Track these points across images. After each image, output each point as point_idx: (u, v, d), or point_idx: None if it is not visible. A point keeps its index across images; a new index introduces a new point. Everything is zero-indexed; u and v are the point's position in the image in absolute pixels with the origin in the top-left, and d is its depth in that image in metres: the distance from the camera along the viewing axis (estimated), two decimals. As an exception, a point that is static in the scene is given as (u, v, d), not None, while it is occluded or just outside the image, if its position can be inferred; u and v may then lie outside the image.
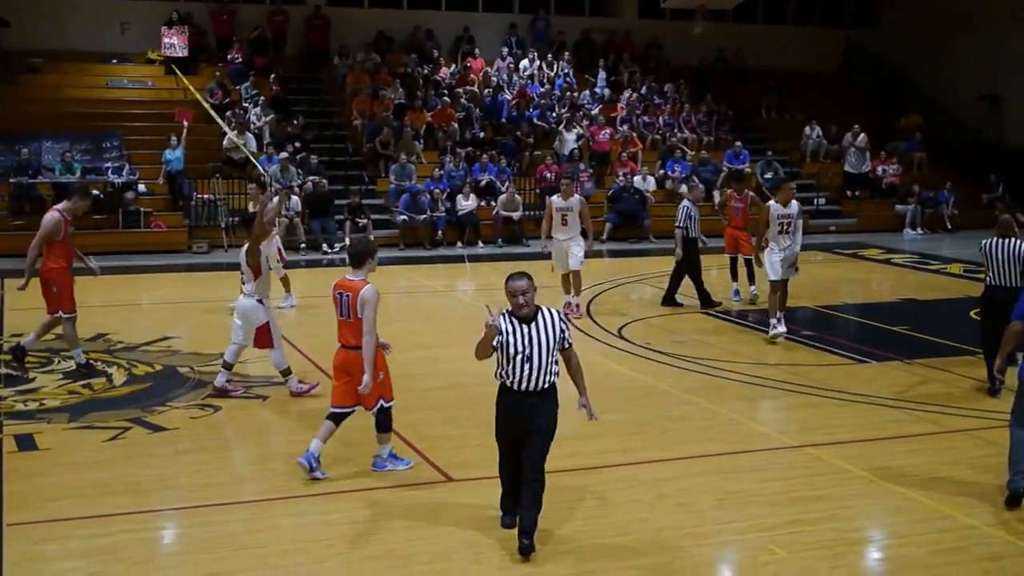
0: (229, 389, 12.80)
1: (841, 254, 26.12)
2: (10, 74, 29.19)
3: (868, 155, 32.48)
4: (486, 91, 31.99)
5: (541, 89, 32.77)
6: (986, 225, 14.12)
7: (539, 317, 8.11)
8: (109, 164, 26.18)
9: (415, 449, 10.76)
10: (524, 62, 33.86)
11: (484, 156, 29.00)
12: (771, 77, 36.39)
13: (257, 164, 26.80)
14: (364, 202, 26.76)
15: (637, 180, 29.30)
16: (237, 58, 30.94)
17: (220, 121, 27.97)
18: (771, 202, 16.36)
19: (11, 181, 25.24)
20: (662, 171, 30.68)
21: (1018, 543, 8.69)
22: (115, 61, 30.99)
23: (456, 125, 30.16)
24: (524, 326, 8.05)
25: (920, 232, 31.06)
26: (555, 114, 31.78)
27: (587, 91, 33.44)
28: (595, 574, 8.00)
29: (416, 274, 22.73)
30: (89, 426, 11.49)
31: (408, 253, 25.47)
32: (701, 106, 33.75)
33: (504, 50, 34.17)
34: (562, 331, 8.15)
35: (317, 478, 9.83)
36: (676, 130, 32.66)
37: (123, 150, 26.78)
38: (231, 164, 27.30)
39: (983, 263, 13.23)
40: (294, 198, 25.80)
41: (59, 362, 14.14)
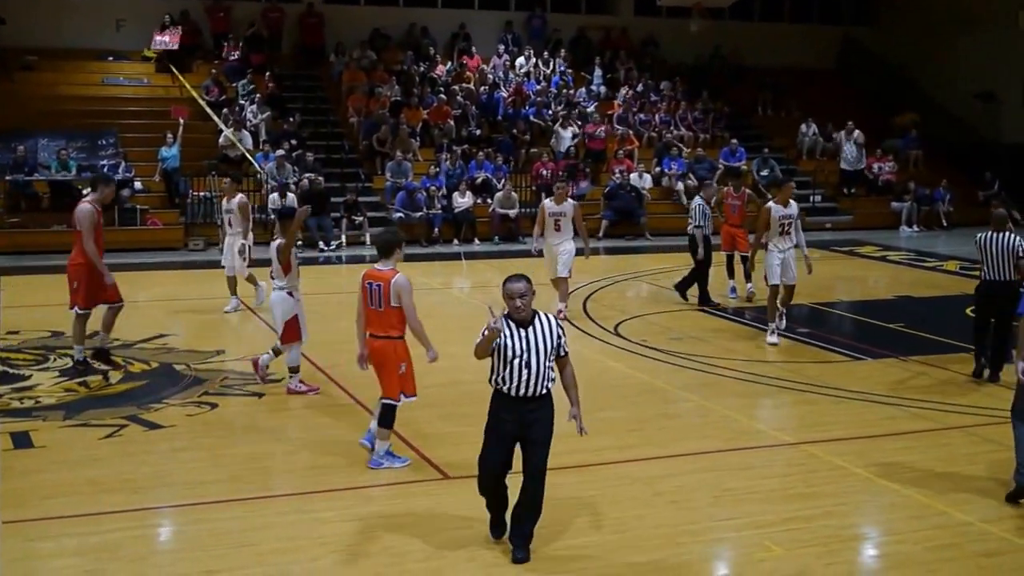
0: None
1: (837, 251, 26.11)
2: (5, 71, 29.12)
3: (864, 152, 32.48)
4: (482, 88, 31.97)
5: (537, 86, 32.73)
6: (982, 222, 14.16)
7: (536, 321, 7.96)
8: (105, 161, 26.11)
9: (412, 447, 10.76)
10: (520, 59, 33.82)
11: (480, 153, 28.99)
12: (768, 74, 36.37)
13: (253, 161, 26.83)
14: (360, 199, 26.74)
15: (633, 177, 29.30)
16: (233, 55, 30.91)
17: (216, 118, 27.96)
18: (771, 203, 16.01)
19: (7, 179, 25.22)
20: (658, 168, 30.68)
21: (1013, 539, 8.70)
22: (111, 58, 30.91)
23: (452, 122, 30.13)
24: (522, 329, 7.91)
25: (916, 229, 31.07)
26: (551, 112, 31.77)
27: (583, 88, 33.43)
28: (590, 571, 8.00)
29: (412, 272, 22.37)
30: (85, 423, 11.48)
31: (404, 250, 25.39)
32: (697, 103, 33.74)
33: (500, 47, 34.15)
34: (559, 337, 8.01)
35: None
36: (672, 127, 32.66)
37: (119, 147, 26.72)
38: (227, 161, 27.24)
39: (979, 257, 13.48)
40: (290, 195, 25.76)
41: (55, 359, 14.14)
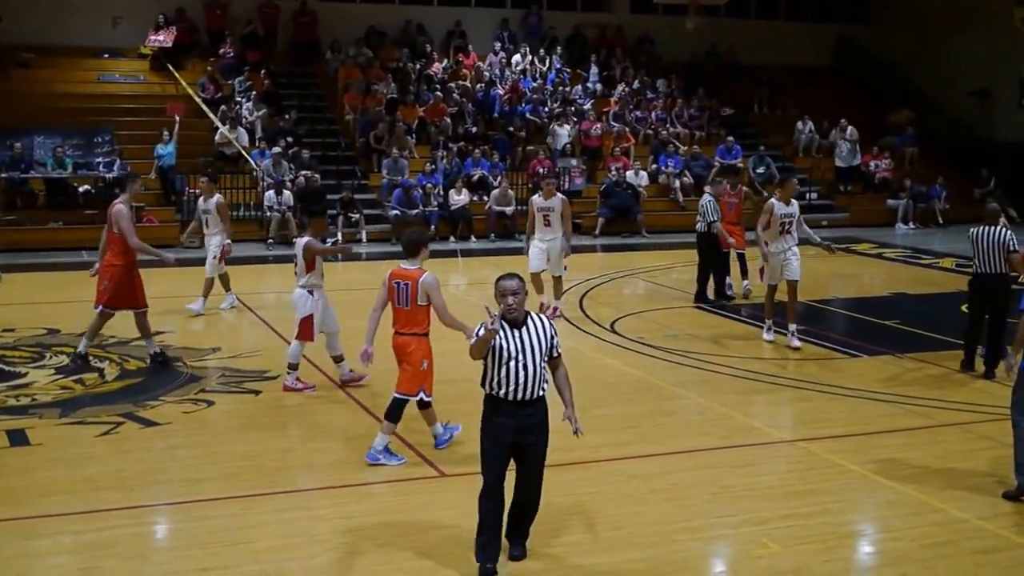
0: (356, 377, 12.92)
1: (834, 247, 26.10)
2: (2, 69, 29.04)
3: (858, 149, 32.48)
4: (478, 86, 31.95)
5: (533, 84, 32.72)
6: (978, 220, 14.15)
7: (529, 322, 7.79)
8: (101, 159, 26.08)
9: (408, 444, 10.75)
10: (516, 57, 33.80)
11: (476, 151, 28.97)
12: (764, 72, 36.38)
13: (249, 159, 26.81)
14: (356, 197, 26.73)
15: (630, 175, 29.30)
16: (229, 53, 30.87)
17: (212, 116, 27.94)
18: (772, 200, 15.56)
19: (3, 176, 25.16)
20: (655, 166, 30.67)
21: (1009, 536, 8.72)
22: (107, 56, 30.85)
23: (448, 120, 30.12)
24: (515, 330, 7.74)
25: (912, 227, 31.08)
26: (547, 109, 31.76)
27: (579, 86, 33.42)
28: (587, 568, 8.01)
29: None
30: (81, 421, 11.47)
31: (401, 248, 25.42)
32: (693, 101, 33.74)
33: (496, 45, 34.10)
34: (552, 337, 7.85)
35: (455, 434, 10.63)
36: (668, 125, 32.65)
37: (115, 145, 26.67)
38: (223, 159, 27.25)
39: (972, 251, 13.70)
40: (286, 193, 25.75)
41: (51, 357, 14.13)
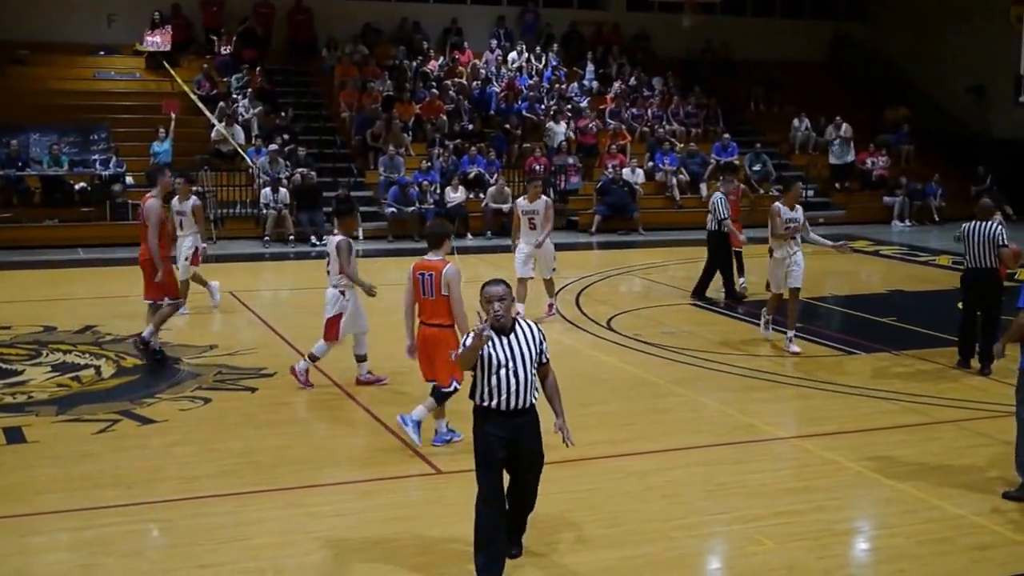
0: (372, 379, 12.95)
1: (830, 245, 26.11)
2: (-3, 66, 29.11)
3: (852, 146, 32.47)
4: (474, 83, 31.93)
5: (530, 81, 32.69)
6: (973, 217, 14.20)
7: (517, 328, 7.69)
8: (97, 156, 26.03)
9: (404, 441, 10.76)
10: (512, 54, 33.77)
11: (473, 148, 28.96)
12: (759, 69, 36.37)
13: (245, 156, 26.79)
14: (353, 194, 26.69)
15: (626, 172, 29.30)
16: (225, 50, 30.84)
17: (208, 113, 27.93)
18: (778, 204, 15.08)
19: (0, 174, 25.16)
20: (651, 163, 30.68)
21: (1006, 533, 8.73)
22: (102, 53, 30.81)
23: (445, 117, 30.10)
24: (503, 337, 7.62)
25: (908, 224, 31.08)
26: (544, 106, 31.75)
27: (575, 83, 33.40)
28: (584, 565, 8.02)
29: (406, 266, 22.55)
30: (78, 419, 11.48)
31: (397, 245, 25.41)
32: (689, 98, 33.73)
33: (492, 42, 34.07)
34: (541, 343, 7.75)
35: (454, 440, 10.65)
36: (664, 122, 32.64)
37: (111, 142, 26.61)
38: (219, 156, 27.23)
39: (963, 246, 13.84)
40: (283, 190, 25.74)
41: (47, 354, 14.13)
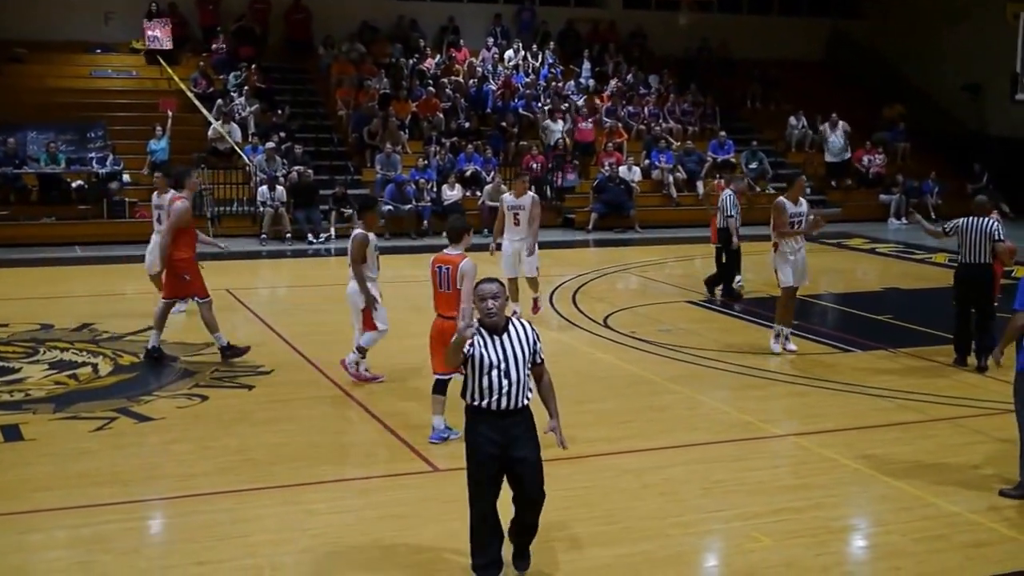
0: (368, 376, 12.90)
1: (826, 244, 26.13)
2: (-6, 64, 29.10)
3: (848, 143, 32.45)
4: (471, 81, 31.94)
5: (526, 79, 32.71)
6: (970, 214, 14.22)
7: (510, 327, 7.50)
8: (94, 154, 26.04)
9: (401, 439, 10.79)
10: (509, 52, 33.78)
11: (469, 146, 28.96)
12: (756, 67, 36.38)
13: (242, 154, 26.79)
14: (349, 192, 26.74)
15: (623, 170, 29.31)
16: (221, 48, 30.83)
17: (205, 111, 27.92)
18: (782, 198, 14.64)
19: (-3, 171, 25.19)
20: (647, 161, 30.69)
21: (1000, 530, 8.75)
22: (99, 51, 30.83)
23: (441, 115, 30.11)
24: (496, 337, 7.44)
25: (904, 222, 31.04)
26: (540, 104, 31.75)
27: (572, 81, 33.40)
28: (581, 563, 8.02)
29: (402, 263, 22.63)
30: (75, 416, 11.48)
31: (394, 243, 25.40)
32: (686, 96, 33.74)
33: (489, 40, 34.09)
34: (535, 343, 7.56)
35: (451, 438, 10.52)
36: (661, 120, 32.65)
37: (108, 140, 26.63)
38: (216, 154, 27.23)
39: (958, 241, 13.99)
40: (279, 188, 25.75)
41: (44, 352, 14.13)
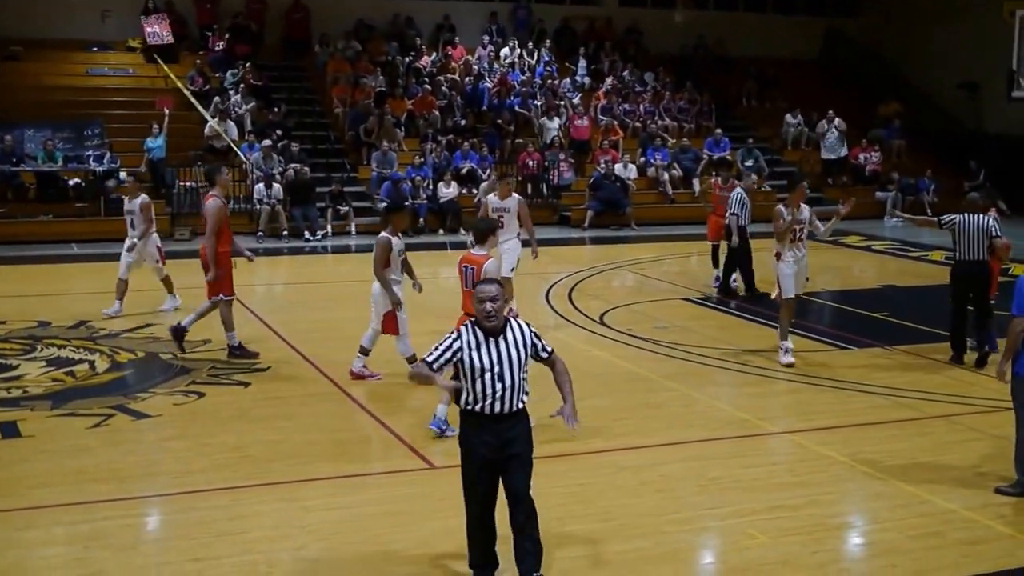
0: (366, 374, 12.88)
1: (822, 241, 26.10)
2: (-10, 62, 29.07)
3: (845, 140, 32.45)
4: (467, 79, 31.94)
5: (522, 77, 32.72)
6: (965, 211, 14.24)
7: (508, 330, 7.30)
8: (91, 152, 26.05)
9: (397, 436, 10.80)
10: (505, 50, 33.78)
11: (465, 144, 28.97)
12: (752, 65, 36.39)
13: (239, 152, 26.79)
14: (346, 190, 26.74)
15: (618, 168, 29.32)
16: (218, 46, 30.81)
17: (201, 109, 27.91)
18: (780, 207, 14.28)
19: (-6, 169, 25.18)
20: (643, 159, 30.70)
21: (996, 527, 8.77)
22: (95, 49, 30.80)
23: (437, 113, 30.11)
24: (491, 339, 7.23)
25: (898, 220, 31.05)
26: (536, 102, 31.75)
27: (568, 79, 33.40)
28: (578, 560, 8.03)
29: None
30: (72, 413, 11.48)
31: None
32: (682, 93, 33.74)
33: (485, 38, 34.08)
34: (534, 344, 7.37)
35: (447, 434, 10.51)
36: (657, 118, 32.66)
37: (105, 138, 26.63)
38: (213, 152, 27.21)
39: (953, 239, 13.98)
40: (276, 186, 25.75)
41: (42, 349, 14.13)
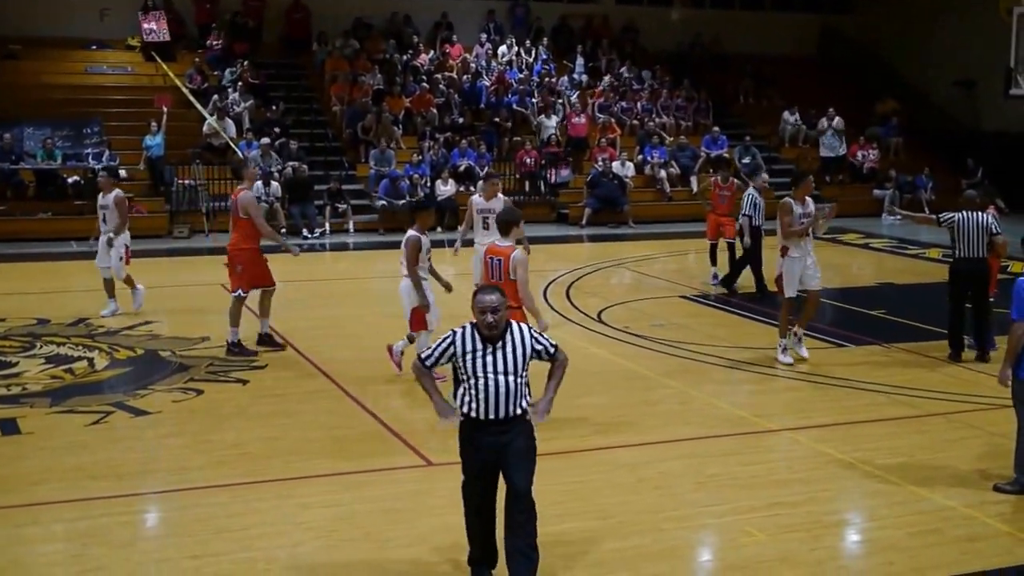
0: (394, 360, 12.94)
1: (819, 239, 26.01)
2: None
3: (844, 139, 32.46)
4: (464, 77, 31.95)
5: (520, 75, 32.71)
6: (963, 208, 14.26)
7: (508, 335, 7.17)
8: (90, 150, 26.07)
9: (395, 433, 10.81)
10: (502, 48, 33.78)
11: (463, 142, 28.98)
12: (748, 62, 36.39)
13: (237, 149, 26.79)
14: (344, 187, 26.75)
15: (616, 165, 29.33)
16: (216, 44, 30.81)
17: (200, 107, 27.92)
18: (788, 199, 13.91)
19: (-6, 167, 25.17)
20: (640, 156, 30.72)
21: (995, 524, 8.78)
22: (94, 47, 30.80)
23: (435, 111, 30.11)
24: (489, 345, 7.12)
25: (898, 217, 31.08)
26: (534, 100, 31.75)
27: (565, 77, 33.40)
28: (575, 558, 8.04)
29: (396, 259, 22.51)
30: (71, 410, 11.50)
31: (388, 238, 25.39)
32: (679, 91, 33.74)
33: (482, 36, 34.09)
34: (533, 348, 7.23)
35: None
36: (654, 115, 32.66)
37: (103, 136, 26.64)
38: (211, 150, 27.24)
39: (952, 237, 13.99)
40: (274, 184, 25.76)
41: (41, 346, 14.14)
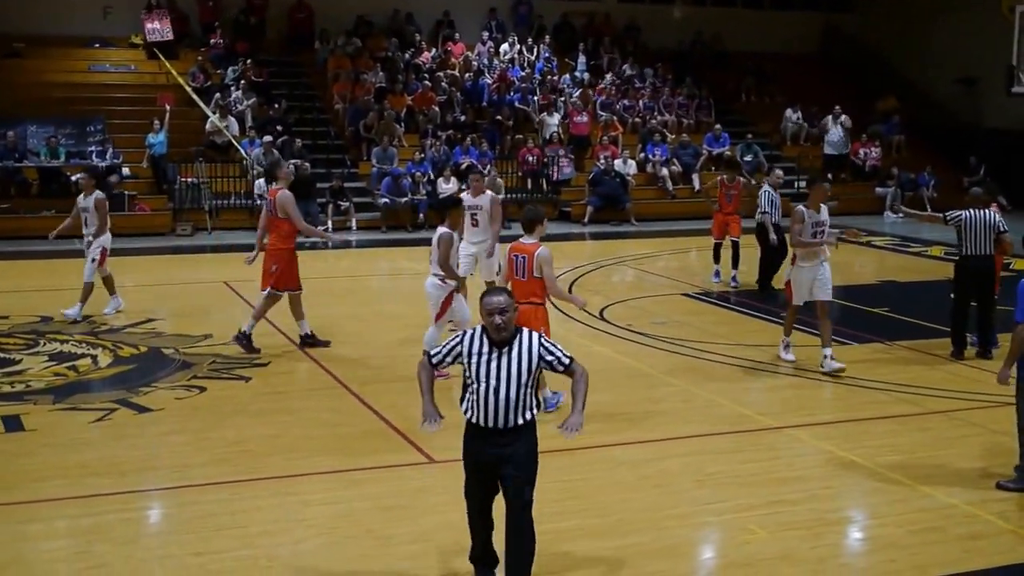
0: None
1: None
2: (-7, 58, 29.06)
3: (848, 137, 32.40)
4: (467, 75, 31.95)
5: (522, 73, 32.72)
6: (968, 206, 14.26)
7: (516, 342, 6.95)
8: (93, 148, 26.10)
9: (397, 430, 10.82)
10: (504, 46, 33.78)
11: (465, 139, 28.99)
12: (750, 60, 36.37)
13: (239, 148, 26.81)
14: (346, 185, 26.76)
15: (618, 163, 29.32)
16: (219, 43, 30.82)
17: (203, 105, 27.93)
18: (801, 207, 13.62)
19: (-2, 165, 25.20)
20: (642, 154, 30.72)
21: (997, 522, 8.79)
22: (97, 45, 30.80)
23: (437, 108, 30.11)
24: (495, 350, 6.93)
25: (900, 215, 31.06)
26: (536, 98, 31.75)
27: (567, 75, 33.40)
28: (577, 555, 8.05)
29: (398, 256, 22.70)
30: (75, 407, 11.53)
31: (390, 236, 25.45)
32: (681, 89, 33.74)
33: (484, 34, 34.10)
34: (540, 357, 6.98)
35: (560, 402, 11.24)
36: (656, 113, 32.66)
37: (107, 134, 26.69)
38: (214, 148, 27.26)
39: (959, 235, 13.98)
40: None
41: (44, 344, 14.16)
